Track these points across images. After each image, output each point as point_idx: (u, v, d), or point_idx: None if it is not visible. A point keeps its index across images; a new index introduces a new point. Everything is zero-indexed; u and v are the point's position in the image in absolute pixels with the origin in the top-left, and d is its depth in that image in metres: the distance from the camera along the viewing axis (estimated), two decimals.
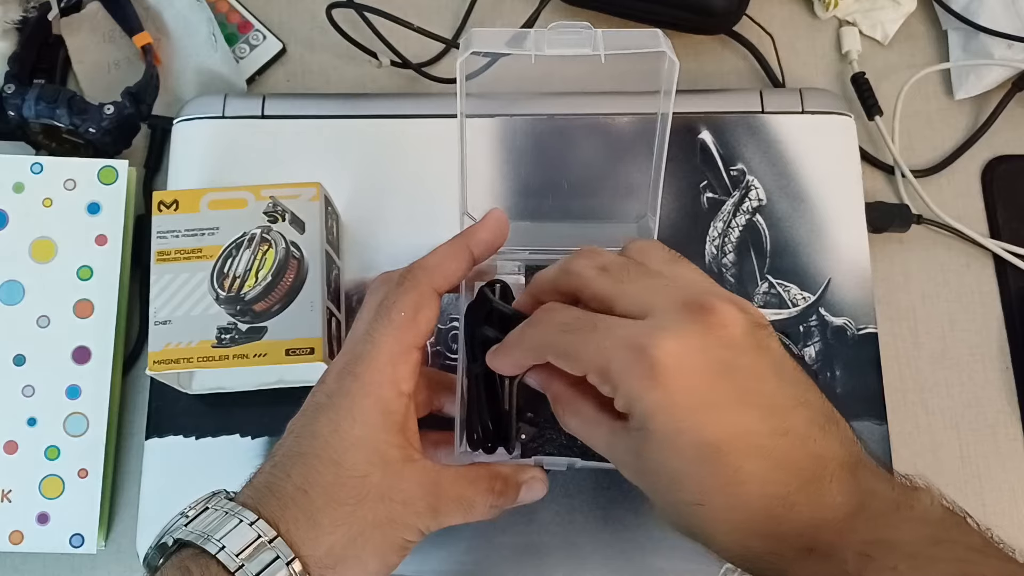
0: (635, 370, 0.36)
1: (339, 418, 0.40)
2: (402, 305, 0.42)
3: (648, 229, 0.49)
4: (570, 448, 0.46)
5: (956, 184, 0.64)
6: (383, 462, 0.40)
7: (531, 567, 0.52)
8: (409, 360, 0.41)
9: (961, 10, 0.64)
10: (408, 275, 0.43)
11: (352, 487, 0.39)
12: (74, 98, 0.59)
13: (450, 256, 0.44)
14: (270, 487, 0.39)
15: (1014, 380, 0.60)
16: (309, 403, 0.42)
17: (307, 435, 0.40)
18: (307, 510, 0.38)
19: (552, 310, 0.40)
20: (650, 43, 0.42)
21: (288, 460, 0.40)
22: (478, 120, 0.49)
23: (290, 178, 0.53)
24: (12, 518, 0.54)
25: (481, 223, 0.45)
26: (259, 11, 0.67)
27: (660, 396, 0.35)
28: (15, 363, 0.55)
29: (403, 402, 0.41)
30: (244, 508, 0.38)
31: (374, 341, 0.41)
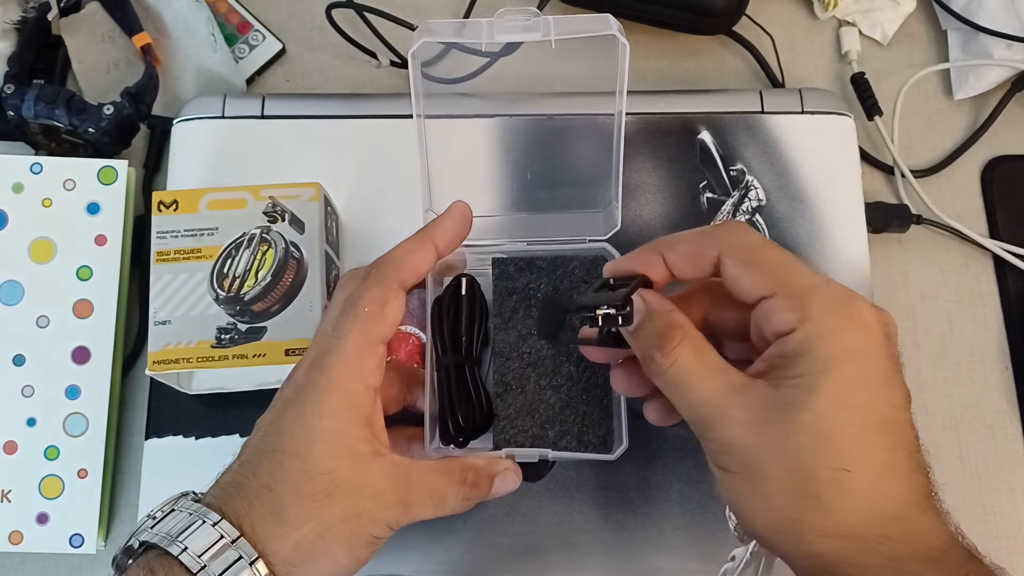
0: (841, 310, 0.36)
1: (306, 412, 0.40)
2: (368, 299, 0.41)
3: (613, 216, 0.50)
4: (542, 439, 0.46)
5: (956, 184, 0.64)
6: (351, 456, 0.39)
7: (531, 567, 0.52)
8: (375, 354, 0.41)
9: (961, 10, 0.64)
10: (373, 270, 0.43)
11: (319, 482, 0.38)
12: (73, 98, 0.59)
13: (414, 250, 0.44)
14: (236, 485, 0.39)
15: (1014, 380, 0.60)
16: (277, 399, 0.41)
17: (274, 431, 0.40)
18: (273, 507, 0.38)
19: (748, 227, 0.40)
20: (600, 27, 0.42)
21: (254, 457, 0.39)
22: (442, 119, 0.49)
23: (290, 178, 0.53)
24: (12, 518, 0.54)
25: (444, 215, 0.45)
26: (259, 11, 0.67)
27: (863, 342, 0.35)
28: (15, 363, 0.55)
29: (370, 396, 0.41)
30: (209, 509, 0.37)
31: (341, 335, 0.41)
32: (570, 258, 0.49)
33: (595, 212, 0.51)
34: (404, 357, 0.54)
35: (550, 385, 0.47)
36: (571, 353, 0.47)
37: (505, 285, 0.49)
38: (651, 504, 0.52)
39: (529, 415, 0.47)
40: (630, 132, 0.59)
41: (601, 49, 0.43)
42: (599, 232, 0.50)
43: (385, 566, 0.51)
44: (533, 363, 0.48)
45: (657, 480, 0.53)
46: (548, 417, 0.47)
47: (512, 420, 0.47)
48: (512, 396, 0.47)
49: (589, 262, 0.49)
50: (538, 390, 0.47)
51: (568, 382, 0.47)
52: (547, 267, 0.49)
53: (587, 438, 0.46)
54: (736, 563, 0.52)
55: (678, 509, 0.52)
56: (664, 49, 0.67)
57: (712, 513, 0.52)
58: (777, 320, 0.37)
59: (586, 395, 0.47)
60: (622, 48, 0.43)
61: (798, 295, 0.36)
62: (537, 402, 0.47)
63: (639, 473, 0.53)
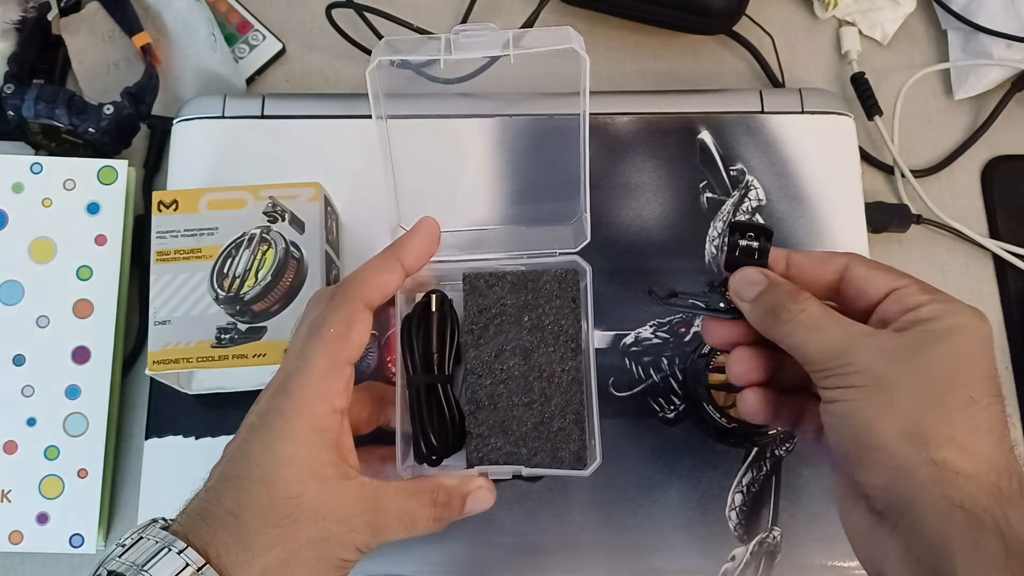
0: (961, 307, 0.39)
1: (271, 437, 0.39)
2: (333, 321, 0.41)
3: (582, 228, 0.50)
4: (515, 456, 0.46)
5: (956, 184, 0.64)
6: (317, 479, 0.39)
7: (531, 567, 0.52)
8: (342, 376, 0.41)
9: (961, 10, 0.64)
10: (339, 291, 0.43)
11: (285, 507, 0.38)
12: (73, 98, 0.59)
13: (381, 269, 0.44)
14: (202, 512, 0.38)
15: (1014, 380, 0.60)
16: (244, 424, 0.41)
17: (239, 457, 0.39)
18: (237, 534, 0.37)
19: None
20: (560, 40, 0.42)
21: (220, 484, 0.39)
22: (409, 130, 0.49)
23: (290, 178, 0.53)
24: (12, 518, 0.54)
25: (411, 233, 0.45)
26: (259, 11, 0.67)
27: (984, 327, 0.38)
28: (15, 363, 0.55)
29: (336, 419, 0.41)
30: (175, 537, 0.37)
31: (306, 358, 0.41)
32: (541, 272, 0.49)
33: (565, 225, 0.51)
34: None
35: (523, 402, 0.47)
36: (543, 370, 0.47)
37: (476, 301, 0.49)
38: (651, 504, 0.52)
39: (502, 432, 0.46)
40: (630, 132, 0.59)
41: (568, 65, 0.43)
42: (569, 245, 0.50)
43: (385, 566, 0.51)
44: (506, 380, 0.47)
45: (657, 480, 0.53)
46: (521, 434, 0.46)
47: (485, 438, 0.46)
48: (485, 414, 0.47)
49: (560, 275, 0.48)
50: (511, 407, 0.47)
51: (541, 399, 0.47)
52: (518, 281, 0.49)
53: (561, 454, 0.46)
54: (736, 563, 0.52)
55: (678, 509, 0.52)
56: (664, 49, 0.67)
57: (712, 513, 0.52)
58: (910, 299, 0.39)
59: (560, 411, 0.47)
60: (583, 63, 0.43)
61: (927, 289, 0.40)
62: (510, 419, 0.47)
63: (639, 473, 0.53)
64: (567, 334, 0.47)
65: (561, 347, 0.47)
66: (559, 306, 0.48)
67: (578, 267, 0.49)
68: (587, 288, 0.48)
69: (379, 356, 0.55)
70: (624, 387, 0.55)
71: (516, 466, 0.46)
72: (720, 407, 0.51)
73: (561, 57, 0.43)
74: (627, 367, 0.55)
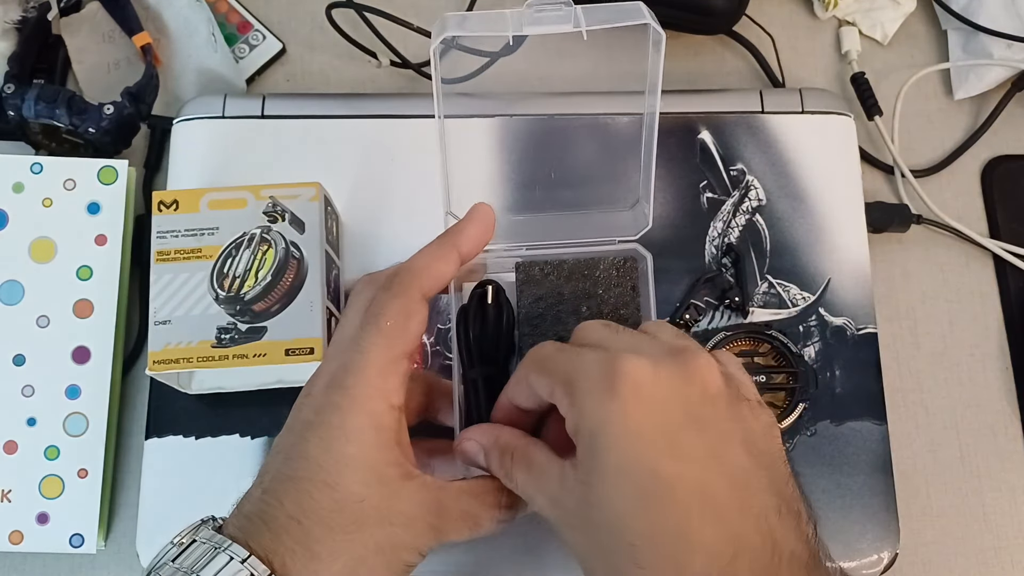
0: (598, 382, 0.35)
1: (330, 437, 0.38)
2: (390, 312, 0.40)
3: (643, 215, 0.48)
4: None
5: (956, 184, 0.64)
6: (380, 482, 0.38)
7: (531, 567, 0.52)
8: (399, 371, 0.40)
9: (961, 10, 0.64)
10: (396, 280, 0.41)
11: (350, 512, 0.37)
12: (74, 98, 0.59)
13: (437, 257, 0.42)
14: (262, 516, 0.37)
15: (1014, 380, 0.60)
16: (296, 419, 0.40)
17: (297, 456, 0.38)
18: (303, 541, 0.36)
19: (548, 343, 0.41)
20: (633, 16, 0.41)
21: (279, 485, 0.38)
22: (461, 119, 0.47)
23: (290, 178, 0.53)
24: (12, 518, 0.54)
25: (466, 219, 0.44)
26: (259, 11, 0.67)
27: (616, 410, 0.34)
28: (15, 363, 0.55)
29: (395, 416, 0.39)
30: (234, 542, 0.35)
31: (363, 351, 0.39)
32: (598, 259, 0.47)
33: (623, 211, 0.49)
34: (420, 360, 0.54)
35: None
36: None
37: (531, 290, 0.47)
38: None
39: None
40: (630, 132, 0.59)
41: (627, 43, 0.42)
42: (628, 232, 0.48)
43: None
44: None
45: None
46: None
47: None
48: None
49: (619, 263, 0.47)
50: None
51: None
52: (574, 269, 0.47)
53: None
54: None
55: None
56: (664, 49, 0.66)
57: None
58: (561, 411, 0.37)
59: None
60: (655, 36, 0.41)
61: (568, 384, 0.36)
62: None
63: None
64: (628, 324, 0.45)
65: None
66: (619, 294, 0.46)
67: (637, 254, 0.47)
68: (649, 275, 0.46)
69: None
70: None
71: None
72: None
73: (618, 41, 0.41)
74: None
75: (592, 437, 0.35)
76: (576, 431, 0.36)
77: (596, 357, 0.36)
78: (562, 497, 0.36)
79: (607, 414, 0.34)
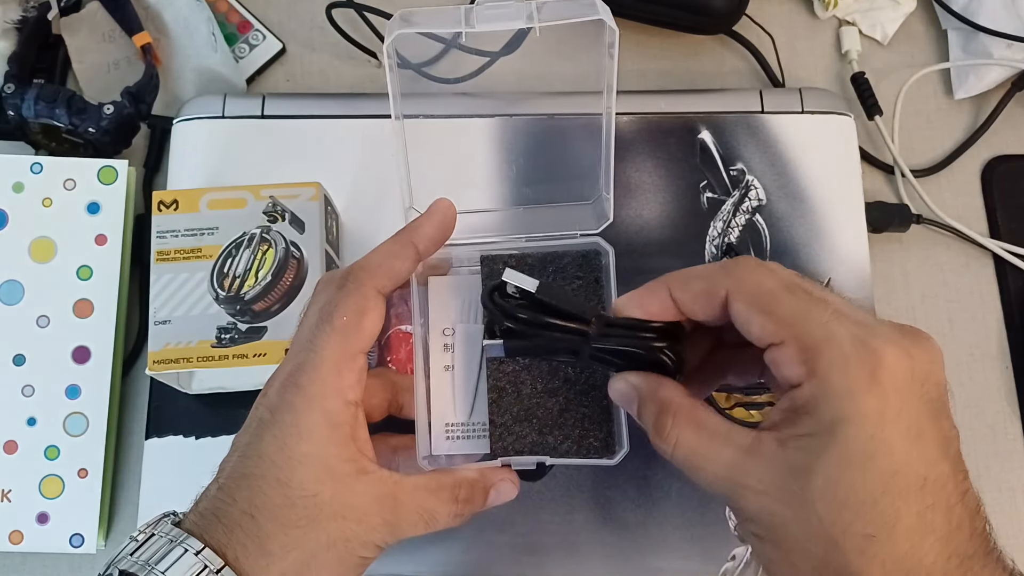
0: (854, 363, 0.33)
1: (284, 434, 0.38)
2: (344, 309, 0.40)
3: (604, 209, 0.48)
4: (540, 445, 0.44)
5: (956, 184, 0.64)
6: (333, 478, 0.38)
7: (531, 567, 0.52)
8: (355, 367, 0.39)
9: (961, 10, 0.64)
10: (350, 276, 0.41)
11: (302, 507, 0.37)
12: (74, 98, 0.59)
13: (394, 254, 0.42)
14: (216, 512, 0.37)
15: (1014, 380, 0.60)
16: (252, 417, 0.40)
17: (252, 454, 0.38)
18: (255, 535, 0.36)
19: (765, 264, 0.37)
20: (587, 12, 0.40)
21: (233, 482, 0.38)
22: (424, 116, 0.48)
23: (290, 178, 0.53)
24: (12, 518, 0.54)
25: (426, 215, 0.43)
26: (259, 11, 0.67)
27: (876, 403, 0.32)
28: (15, 363, 0.55)
29: (351, 412, 0.39)
30: (190, 535, 0.36)
31: (317, 349, 0.39)
32: (562, 254, 0.47)
33: (586, 205, 0.49)
34: (405, 357, 0.54)
35: (546, 389, 0.45)
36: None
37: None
38: (651, 504, 0.52)
39: (526, 421, 0.45)
40: (630, 131, 0.59)
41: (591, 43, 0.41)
42: (590, 225, 0.48)
43: (385, 566, 0.51)
44: (528, 366, 0.46)
45: (657, 480, 0.53)
46: (546, 422, 0.45)
47: (508, 427, 0.45)
48: (507, 401, 0.45)
49: (581, 257, 0.47)
50: (534, 395, 0.45)
51: (565, 385, 0.45)
52: (538, 263, 0.47)
53: (587, 442, 0.45)
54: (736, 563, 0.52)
55: (678, 509, 0.52)
56: (664, 49, 0.67)
57: (712, 513, 0.52)
58: (785, 372, 0.34)
59: (585, 398, 0.45)
60: (610, 33, 0.41)
61: (808, 347, 0.34)
62: (534, 407, 0.45)
63: (639, 473, 0.53)
64: None
65: None
66: (582, 287, 0.46)
67: (600, 248, 0.47)
68: (611, 268, 0.46)
69: (379, 356, 0.55)
70: None
71: (541, 456, 0.44)
72: (720, 408, 0.51)
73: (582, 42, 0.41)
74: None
75: (838, 422, 0.33)
76: (811, 405, 0.33)
77: (849, 333, 0.33)
78: (748, 464, 0.34)
79: (864, 406, 0.32)
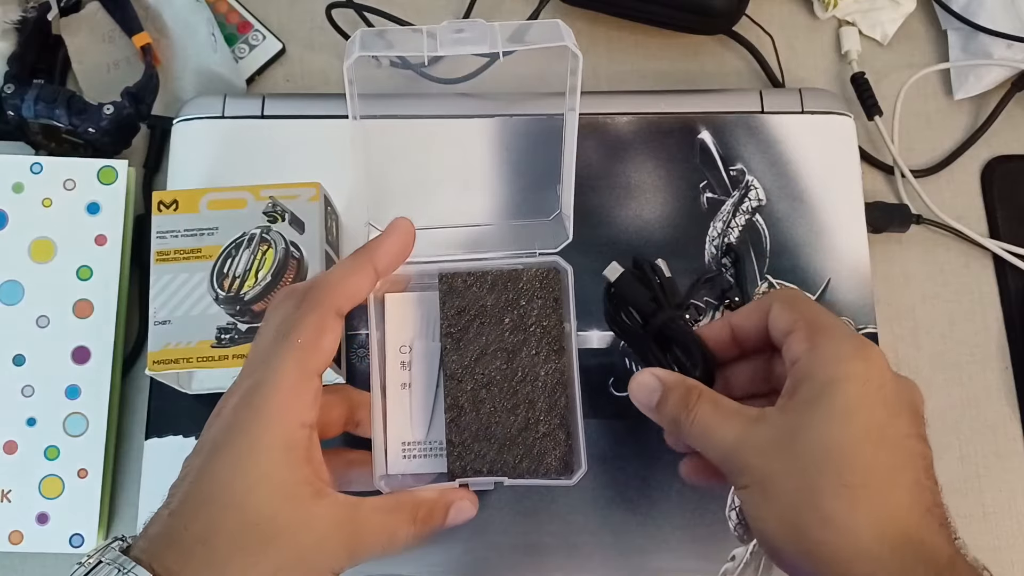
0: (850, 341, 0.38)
1: (238, 457, 0.37)
2: (301, 329, 0.39)
3: (563, 228, 0.49)
4: (499, 464, 0.45)
5: (956, 184, 0.64)
6: (289, 501, 0.37)
7: (531, 567, 0.52)
8: (310, 388, 0.39)
9: (961, 10, 0.64)
10: (308, 295, 0.40)
11: (257, 533, 0.36)
12: (73, 98, 0.59)
13: (353, 272, 0.41)
14: (168, 538, 0.36)
15: (1014, 380, 0.60)
16: (205, 439, 0.39)
17: (205, 478, 0.37)
18: (210, 562, 0.35)
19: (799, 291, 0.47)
20: (551, 37, 0.40)
21: (186, 507, 0.37)
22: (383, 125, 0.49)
23: (290, 178, 0.53)
24: (12, 518, 0.54)
25: (385, 234, 0.43)
26: (259, 11, 0.67)
27: (862, 369, 0.37)
28: (15, 363, 0.55)
29: (306, 433, 0.38)
30: (138, 564, 0.35)
31: (272, 368, 0.38)
32: (521, 271, 0.47)
33: (544, 223, 0.50)
34: None
35: (506, 407, 0.45)
36: (527, 372, 0.46)
37: (454, 302, 0.47)
38: (651, 504, 0.52)
39: (485, 440, 0.45)
40: (630, 132, 0.59)
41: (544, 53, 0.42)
42: (549, 245, 0.49)
43: (385, 566, 0.51)
44: (487, 384, 0.46)
45: (657, 480, 0.53)
46: (504, 441, 0.45)
47: (467, 445, 0.45)
48: (466, 420, 0.45)
49: (542, 274, 0.47)
50: (494, 412, 0.45)
51: (526, 403, 0.45)
52: (497, 281, 0.47)
53: (547, 462, 0.45)
54: (736, 563, 0.52)
55: (678, 509, 0.52)
56: (664, 49, 0.67)
57: (712, 513, 0.52)
58: (793, 349, 0.40)
59: (544, 417, 0.45)
60: (573, 59, 0.42)
61: (814, 330, 0.39)
62: (493, 424, 0.45)
63: (639, 473, 0.53)
64: (550, 335, 0.46)
65: (544, 348, 0.46)
66: (541, 306, 0.47)
67: (559, 266, 0.47)
68: (569, 287, 0.46)
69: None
70: (624, 387, 0.55)
71: (499, 477, 0.44)
72: None
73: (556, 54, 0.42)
74: (627, 367, 0.55)
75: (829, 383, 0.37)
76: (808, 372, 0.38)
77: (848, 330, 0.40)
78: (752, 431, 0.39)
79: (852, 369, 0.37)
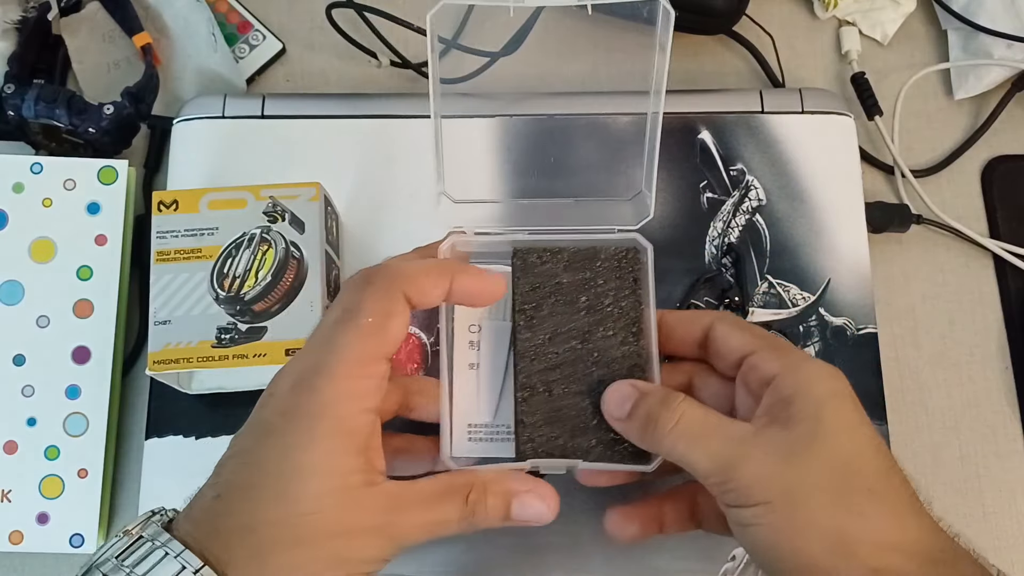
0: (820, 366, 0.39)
1: (290, 444, 0.35)
2: (370, 309, 0.37)
3: (645, 205, 0.47)
4: (572, 448, 0.42)
5: (956, 184, 0.64)
6: (340, 492, 0.35)
7: (531, 567, 0.52)
8: (375, 373, 0.37)
9: (961, 10, 0.64)
10: (382, 277, 0.38)
11: (303, 525, 0.35)
12: (74, 98, 0.59)
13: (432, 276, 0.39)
14: (213, 525, 0.35)
15: (1014, 380, 0.60)
16: (258, 419, 0.37)
17: (253, 462, 0.36)
18: (255, 554, 0.34)
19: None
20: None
21: (232, 492, 0.35)
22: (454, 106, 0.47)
23: (290, 178, 0.53)
24: (12, 518, 0.54)
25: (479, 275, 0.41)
26: (259, 11, 0.67)
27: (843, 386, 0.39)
28: (15, 363, 0.55)
29: (367, 420, 0.37)
30: (186, 549, 0.34)
31: (336, 349, 0.36)
32: (599, 248, 0.45)
33: (624, 200, 0.48)
34: (404, 357, 0.54)
35: (579, 390, 0.43)
36: (602, 355, 0.44)
37: (528, 279, 0.45)
38: None
39: (557, 422, 0.42)
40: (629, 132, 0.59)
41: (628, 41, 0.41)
42: (629, 221, 0.47)
43: None
44: (560, 365, 0.43)
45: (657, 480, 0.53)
46: (578, 425, 0.42)
47: (538, 427, 0.42)
48: (538, 401, 0.43)
49: (620, 253, 0.45)
50: (566, 395, 0.43)
51: (600, 386, 0.43)
52: (574, 258, 0.45)
53: (622, 447, 0.42)
54: (736, 563, 0.52)
55: None
56: None
57: None
58: (763, 368, 0.40)
59: None
60: (664, 14, 0.40)
61: (779, 351, 0.41)
62: (566, 408, 0.42)
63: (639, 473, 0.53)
64: (628, 317, 0.44)
65: (621, 331, 0.44)
66: (618, 287, 0.45)
67: (639, 244, 0.45)
68: (649, 267, 0.45)
69: None
70: None
71: (573, 460, 0.42)
72: None
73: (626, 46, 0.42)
74: None
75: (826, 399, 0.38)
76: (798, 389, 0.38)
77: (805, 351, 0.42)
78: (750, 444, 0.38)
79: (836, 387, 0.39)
